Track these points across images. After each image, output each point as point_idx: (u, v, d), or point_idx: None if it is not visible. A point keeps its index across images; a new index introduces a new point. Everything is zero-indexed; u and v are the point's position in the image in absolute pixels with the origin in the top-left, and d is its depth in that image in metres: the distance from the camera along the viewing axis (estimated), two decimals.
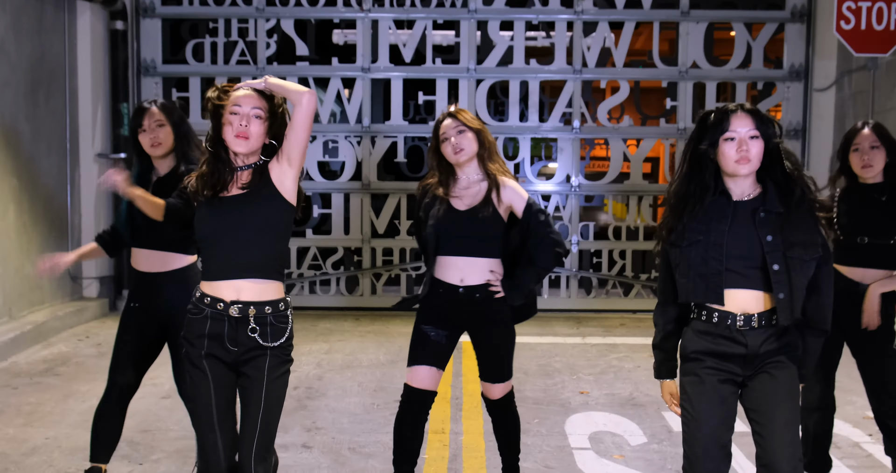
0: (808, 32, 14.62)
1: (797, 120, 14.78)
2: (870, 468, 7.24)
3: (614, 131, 15.19)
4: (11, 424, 8.13)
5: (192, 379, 4.87)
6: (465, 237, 5.77)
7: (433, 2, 14.78)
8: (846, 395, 9.31)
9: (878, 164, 5.87)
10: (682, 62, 14.77)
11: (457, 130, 5.78)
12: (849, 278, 5.93)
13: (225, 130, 4.68)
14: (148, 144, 5.86)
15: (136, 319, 6.12)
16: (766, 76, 15.04)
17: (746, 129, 4.57)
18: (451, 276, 5.81)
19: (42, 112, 12.63)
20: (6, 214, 11.53)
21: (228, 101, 4.70)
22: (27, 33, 12.18)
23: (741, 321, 4.58)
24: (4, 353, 10.58)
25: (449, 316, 5.88)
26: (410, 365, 5.93)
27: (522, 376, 9.75)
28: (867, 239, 5.91)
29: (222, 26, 14.84)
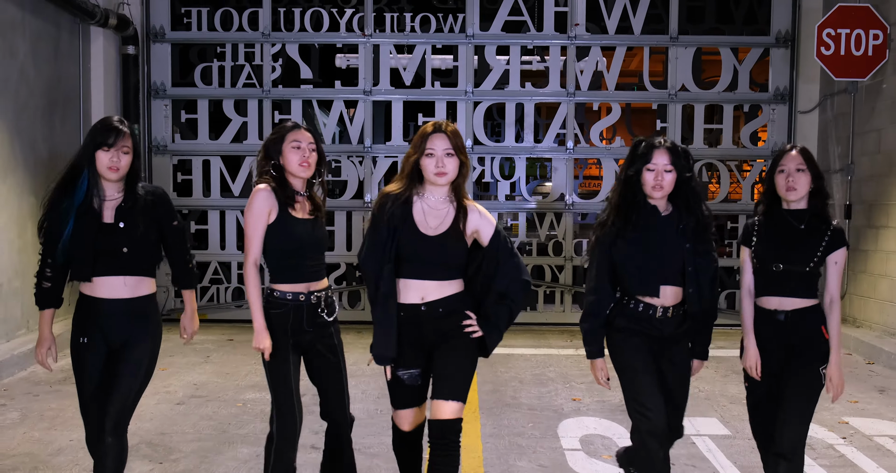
0: (792, 57, 14.99)
1: (782, 141, 15.10)
2: (842, 467, 7.59)
3: (606, 151, 15.51)
4: (36, 428, 8.50)
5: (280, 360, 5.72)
6: (432, 263, 5.53)
7: (432, 27, 15.19)
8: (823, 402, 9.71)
9: (803, 188, 5.69)
10: (671, 85, 15.16)
11: (446, 151, 5.49)
12: (766, 309, 5.76)
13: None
14: (106, 166, 5.50)
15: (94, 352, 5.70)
16: (752, 99, 15.42)
17: (664, 162, 5.61)
18: (410, 296, 5.55)
19: (58, 133, 13.02)
20: (24, 231, 11.92)
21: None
22: (45, 59, 12.59)
23: (661, 311, 5.68)
24: (24, 363, 10.94)
25: (416, 341, 5.58)
26: (395, 408, 5.80)
27: (518, 384, 10.14)
28: (782, 266, 5.68)
29: (229, 51, 15.24)
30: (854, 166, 13.72)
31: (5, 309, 11.37)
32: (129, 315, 5.64)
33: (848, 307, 13.92)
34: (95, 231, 5.49)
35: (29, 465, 7.38)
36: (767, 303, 5.76)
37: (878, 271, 13.02)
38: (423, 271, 5.52)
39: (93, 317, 5.64)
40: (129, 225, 5.55)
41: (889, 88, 12.96)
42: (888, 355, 11.68)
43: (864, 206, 13.51)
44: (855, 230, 13.73)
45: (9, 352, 10.81)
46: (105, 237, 5.51)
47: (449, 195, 5.62)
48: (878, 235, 13.06)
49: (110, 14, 13.84)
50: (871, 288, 13.24)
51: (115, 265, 5.54)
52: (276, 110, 15.22)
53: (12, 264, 11.61)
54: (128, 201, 5.57)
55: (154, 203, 5.65)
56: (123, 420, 5.60)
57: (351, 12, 15.19)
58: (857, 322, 13.59)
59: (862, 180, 13.61)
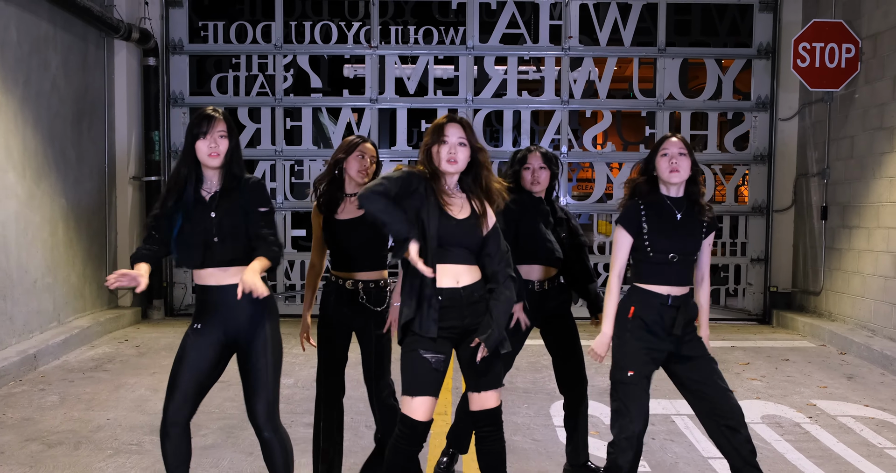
0: (772, 68, 15.50)
1: (764, 146, 15.66)
2: (805, 442, 8.17)
3: (599, 156, 16.00)
4: (75, 409, 9.08)
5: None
6: (461, 247, 5.40)
7: (434, 39, 15.72)
8: (796, 387, 10.34)
9: (685, 171, 5.75)
10: (659, 94, 15.68)
11: (459, 140, 5.42)
12: (657, 294, 5.79)
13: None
14: (206, 153, 5.40)
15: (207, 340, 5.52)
16: (736, 107, 15.90)
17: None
18: (446, 281, 5.36)
19: (85, 140, 13.56)
20: (56, 230, 12.47)
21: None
22: (74, 70, 13.14)
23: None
24: (57, 353, 11.51)
25: (452, 326, 5.38)
26: (412, 395, 5.34)
27: (514, 371, 10.56)
28: (677, 257, 5.77)
29: (244, 62, 15.74)
30: (830, 170, 14.21)
31: (38, 303, 11.88)
32: (237, 305, 5.39)
33: (823, 302, 14.47)
34: (201, 221, 5.38)
35: (73, 440, 7.95)
36: (658, 290, 5.79)
37: (851, 269, 13.54)
38: (455, 256, 5.37)
39: (201, 304, 5.53)
40: (220, 215, 5.39)
41: (861, 97, 13.44)
42: (858, 346, 12.21)
43: (838, 207, 14.00)
44: (830, 230, 14.25)
45: (43, 343, 11.33)
46: (202, 226, 5.38)
47: (458, 186, 5.52)
48: (851, 234, 13.56)
49: (133, 28, 14.36)
50: (844, 284, 13.76)
51: (210, 255, 5.39)
52: (287, 118, 15.72)
53: (45, 262, 12.11)
54: (223, 191, 5.44)
55: (242, 191, 5.44)
56: (272, 412, 5.49)
57: (358, 25, 15.69)
58: (832, 316, 14.12)
59: (837, 184, 14.09)
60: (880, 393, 10.17)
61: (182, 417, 5.47)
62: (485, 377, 5.47)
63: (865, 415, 9.17)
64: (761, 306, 15.82)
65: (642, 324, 5.79)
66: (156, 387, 10.02)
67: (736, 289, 16.27)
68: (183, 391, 5.44)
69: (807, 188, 15.14)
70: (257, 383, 5.46)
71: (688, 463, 7.52)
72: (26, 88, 11.63)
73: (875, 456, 7.78)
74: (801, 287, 15.36)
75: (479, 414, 5.52)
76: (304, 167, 15.78)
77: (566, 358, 6.93)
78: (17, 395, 9.62)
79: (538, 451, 7.81)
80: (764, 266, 15.79)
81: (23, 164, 11.51)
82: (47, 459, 7.42)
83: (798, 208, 15.53)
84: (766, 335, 14.19)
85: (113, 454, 7.60)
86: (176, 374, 5.47)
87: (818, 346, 13.13)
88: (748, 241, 15.99)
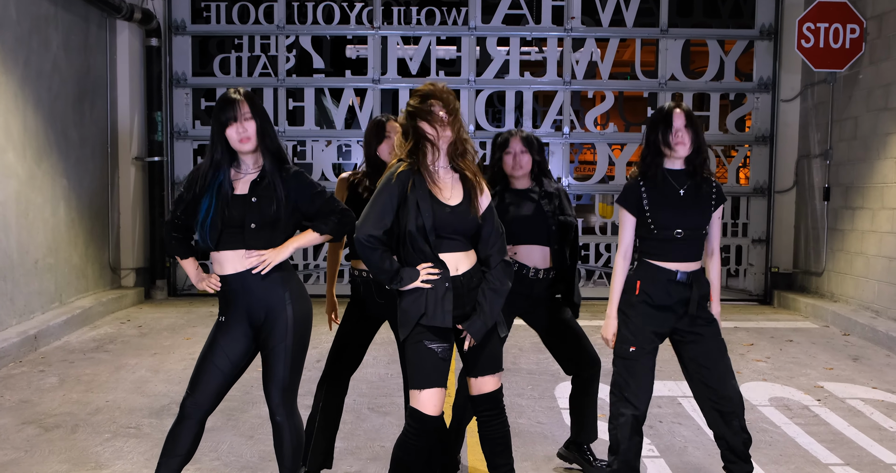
0: (775, 49, 15.18)
1: (766, 127, 15.35)
2: (815, 425, 7.87)
3: (600, 137, 15.72)
4: (74, 390, 8.79)
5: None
6: (457, 233, 5.12)
7: (437, 20, 15.43)
8: (802, 368, 10.06)
9: (688, 144, 5.53)
10: (661, 75, 15.36)
11: (439, 111, 5.10)
12: (667, 269, 5.58)
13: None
14: (237, 140, 5.15)
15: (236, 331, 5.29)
16: (738, 88, 15.64)
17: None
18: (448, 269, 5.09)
19: (87, 120, 13.28)
20: (57, 210, 12.18)
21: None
22: (75, 50, 12.83)
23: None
24: (58, 333, 11.22)
25: (454, 313, 5.06)
26: (421, 388, 5.05)
27: (518, 351, 10.40)
28: (682, 232, 5.56)
29: (246, 42, 15.46)
30: (832, 151, 13.92)
31: (40, 283, 11.61)
32: (259, 287, 5.17)
33: (825, 283, 14.18)
34: (226, 204, 5.13)
35: (70, 423, 7.66)
36: (666, 265, 5.57)
37: (854, 250, 13.26)
38: (452, 244, 5.10)
39: (226, 295, 5.25)
40: (261, 200, 5.14)
41: (865, 78, 13.16)
42: (862, 327, 11.93)
43: (841, 188, 13.72)
44: (833, 211, 13.96)
45: (45, 323, 11.06)
46: (234, 209, 5.14)
47: (449, 163, 5.21)
48: (854, 215, 13.28)
49: (135, 9, 14.08)
50: (847, 265, 13.48)
51: (239, 240, 5.13)
52: (290, 98, 15.43)
53: (46, 242, 11.84)
54: (264, 175, 5.18)
55: (286, 180, 5.19)
56: (288, 398, 5.28)
57: (360, 6, 15.42)
58: (835, 297, 13.83)
59: (840, 164, 13.80)
60: (887, 375, 9.87)
61: (200, 414, 5.25)
62: (482, 362, 5.23)
63: (874, 398, 8.87)
64: (762, 286, 15.53)
65: (648, 299, 5.57)
66: (156, 368, 9.75)
67: (737, 270, 16.04)
68: (204, 389, 5.22)
69: (808, 169, 14.83)
70: (276, 367, 5.22)
71: (697, 447, 7.22)
72: (26, 67, 11.34)
73: (888, 441, 7.47)
74: (803, 268, 15.06)
75: (478, 399, 5.29)
76: (307, 148, 15.50)
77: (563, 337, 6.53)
78: (16, 377, 9.33)
79: (543, 435, 7.51)
80: (765, 247, 15.50)
81: (23, 144, 11.22)
82: (43, 443, 7.13)
83: (800, 189, 15.22)
84: (768, 316, 13.89)
85: (110, 437, 7.31)
86: (200, 370, 5.25)
87: (821, 327, 12.85)
88: (749, 222, 15.71)
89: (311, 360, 9.65)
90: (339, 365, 6.23)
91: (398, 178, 5.04)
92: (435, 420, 5.09)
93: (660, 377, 7.64)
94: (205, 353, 5.27)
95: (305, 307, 5.32)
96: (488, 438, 5.31)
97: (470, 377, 5.27)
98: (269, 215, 5.15)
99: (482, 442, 5.35)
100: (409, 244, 5.07)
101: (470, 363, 5.24)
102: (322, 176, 15.37)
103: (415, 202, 5.04)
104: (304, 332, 5.30)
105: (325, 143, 15.54)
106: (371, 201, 5.07)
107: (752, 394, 8.88)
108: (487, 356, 5.22)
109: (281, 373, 5.23)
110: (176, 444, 5.27)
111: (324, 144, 15.52)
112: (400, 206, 5.05)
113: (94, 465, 6.63)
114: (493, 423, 5.29)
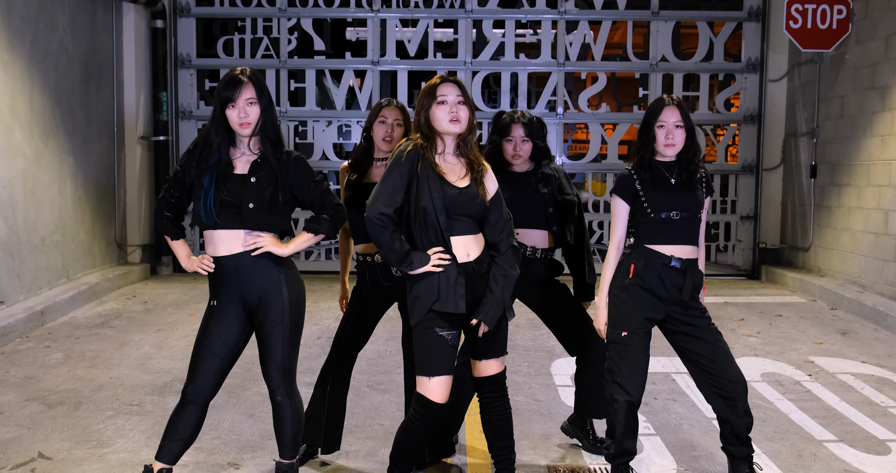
0: (762, 30, 14.94)
1: (754, 107, 15.10)
2: (808, 401, 7.63)
3: (593, 117, 15.49)
4: (79, 367, 8.53)
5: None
6: (467, 216, 4.92)
7: (434, 3, 15.15)
8: (792, 343, 9.83)
9: (680, 144, 5.37)
10: (652, 56, 15.12)
11: (458, 99, 4.92)
12: (664, 254, 5.37)
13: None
14: (237, 123, 4.96)
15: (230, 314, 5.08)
16: (727, 68, 15.38)
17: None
18: (459, 256, 4.88)
19: (94, 100, 12.99)
20: (64, 188, 11.90)
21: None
22: (82, 31, 12.53)
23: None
24: (65, 309, 10.97)
25: (466, 299, 4.86)
26: (430, 376, 4.86)
27: (514, 328, 10.10)
28: (679, 214, 5.34)
29: (249, 25, 15.16)
30: (819, 130, 13.68)
31: (47, 260, 11.36)
32: (252, 270, 4.98)
33: (812, 258, 13.95)
34: (224, 182, 4.92)
35: (73, 400, 7.41)
36: (661, 249, 5.37)
37: (841, 226, 13.01)
38: (462, 227, 4.90)
39: (217, 277, 5.04)
40: (260, 180, 4.93)
41: (851, 58, 12.91)
42: (849, 301, 11.69)
43: (828, 166, 13.48)
44: (820, 188, 13.71)
45: (51, 299, 10.80)
46: (233, 189, 4.93)
47: (457, 150, 5.00)
48: (841, 192, 13.04)
49: None
50: (834, 241, 13.24)
51: (237, 219, 4.92)
52: (291, 79, 15.17)
53: (53, 219, 11.59)
54: (264, 157, 4.99)
55: (286, 164, 5.01)
56: (288, 377, 5.11)
57: None
58: (822, 272, 13.60)
59: (826, 143, 13.57)
60: (876, 349, 9.63)
61: (202, 400, 5.06)
62: (489, 346, 5.06)
63: (864, 372, 8.62)
64: (750, 261, 15.31)
65: (641, 282, 5.35)
66: (160, 345, 9.51)
67: (726, 245, 15.85)
68: (204, 376, 5.02)
69: (795, 148, 14.60)
70: (274, 349, 5.05)
71: (692, 424, 6.96)
72: (33, 48, 11.04)
73: (880, 416, 7.23)
74: (790, 244, 14.84)
75: (482, 381, 5.13)
76: (308, 128, 15.23)
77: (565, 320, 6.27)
78: (22, 352, 9.06)
79: (540, 413, 7.26)
80: (753, 223, 15.27)
81: (30, 123, 10.94)
82: (46, 420, 6.86)
83: (787, 167, 14.99)
84: (756, 291, 13.65)
85: (113, 415, 7.04)
86: (197, 358, 5.04)
87: (809, 301, 12.61)
88: (738, 199, 15.47)
89: (312, 336, 9.49)
90: (345, 349, 5.97)
91: (408, 156, 4.85)
92: (442, 408, 4.92)
93: (653, 354, 7.30)
94: (200, 340, 5.05)
95: (300, 289, 5.15)
96: (490, 420, 5.16)
97: (475, 360, 5.12)
98: (267, 195, 4.94)
99: (483, 424, 5.18)
100: (423, 221, 4.86)
101: (477, 347, 5.07)
102: (323, 155, 15.14)
103: (426, 181, 4.84)
104: (299, 313, 5.13)
105: (326, 123, 15.28)
106: (381, 179, 4.87)
107: (745, 370, 8.46)
108: (495, 341, 5.07)
109: (279, 355, 5.06)
110: (178, 428, 5.08)
111: (324, 125, 15.29)
112: (410, 183, 4.84)
113: (96, 443, 6.38)
114: (496, 404, 5.14)
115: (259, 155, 5.02)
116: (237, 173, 4.97)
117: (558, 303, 6.19)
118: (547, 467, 6.05)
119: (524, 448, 6.38)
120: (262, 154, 5.01)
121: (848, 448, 6.48)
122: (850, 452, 6.41)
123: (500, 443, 5.15)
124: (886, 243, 11.69)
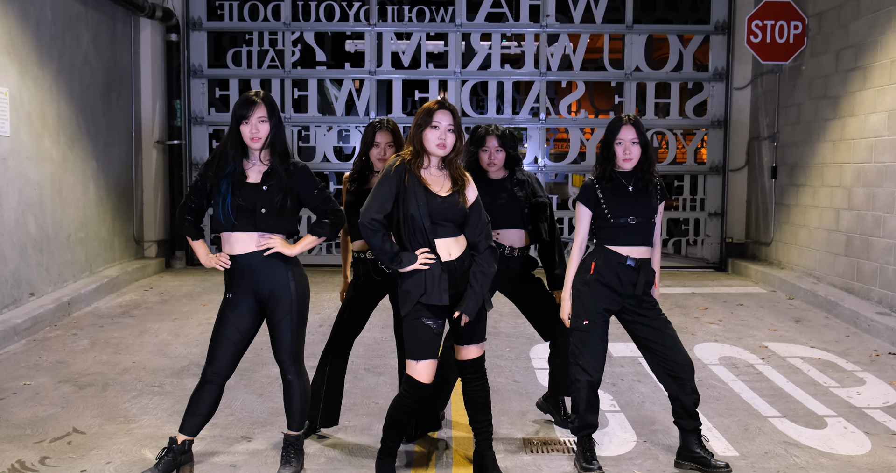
0: (728, 42, 15.22)
1: (720, 113, 15.43)
2: (758, 381, 8.02)
3: (573, 122, 15.81)
4: (104, 352, 8.90)
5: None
6: (448, 221, 5.27)
7: (427, 17, 15.44)
8: (749, 330, 10.20)
9: (636, 159, 5.73)
10: (627, 66, 15.41)
11: (448, 127, 5.24)
12: (620, 254, 5.74)
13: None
14: (248, 137, 5.38)
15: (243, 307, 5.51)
16: (695, 78, 15.70)
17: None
18: (442, 255, 5.24)
19: (114, 108, 13.32)
20: (87, 189, 12.25)
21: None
22: (103, 46, 12.86)
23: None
24: (89, 300, 11.32)
25: (450, 293, 5.25)
26: (417, 360, 5.26)
27: (497, 316, 10.45)
28: (634, 220, 5.71)
29: (256, 38, 15.46)
30: (779, 134, 14.01)
31: (72, 255, 11.69)
32: (263, 267, 5.41)
33: (773, 252, 14.31)
34: (239, 189, 5.34)
35: (101, 382, 7.79)
36: (619, 250, 5.73)
37: (798, 222, 13.36)
38: (444, 230, 5.26)
39: (233, 272, 5.45)
40: (271, 188, 5.36)
41: (807, 69, 13.21)
42: (805, 291, 12.05)
43: (787, 167, 13.80)
44: (780, 188, 14.04)
45: (77, 291, 11.14)
46: (247, 196, 5.34)
47: (441, 164, 5.35)
48: (798, 192, 13.37)
49: (157, 7, 14.10)
50: (792, 236, 13.58)
51: (251, 222, 5.34)
52: (295, 88, 15.47)
53: (78, 218, 11.92)
54: (273, 168, 5.39)
55: (292, 173, 5.42)
56: (297, 359, 5.54)
57: (358, 5, 15.40)
58: (781, 265, 13.95)
59: (786, 146, 13.88)
60: (825, 335, 10.01)
61: (220, 380, 5.53)
62: (470, 333, 5.45)
63: (812, 356, 9.01)
64: (718, 255, 15.65)
65: (600, 278, 5.75)
66: (177, 332, 9.87)
67: (695, 240, 16.15)
68: (221, 359, 5.47)
69: (758, 150, 14.93)
70: (284, 336, 5.50)
71: (653, 403, 7.35)
72: (60, 61, 11.39)
73: (821, 395, 7.62)
74: (754, 238, 15.19)
75: (464, 363, 5.53)
76: (311, 132, 15.54)
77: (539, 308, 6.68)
78: (52, 339, 9.44)
79: (518, 392, 7.64)
80: (720, 220, 15.62)
81: (57, 130, 11.29)
82: (77, 400, 7.24)
83: (751, 168, 15.32)
84: (722, 282, 14.02)
85: (137, 395, 7.43)
86: (215, 343, 5.49)
87: (769, 292, 12.98)
88: (706, 197, 15.78)
89: (314, 324, 9.84)
90: (342, 335, 6.38)
91: (396, 170, 5.23)
92: (428, 387, 5.33)
93: (623, 340, 7.79)
94: (217, 328, 5.50)
95: (305, 283, 5.62)
96: (470, 397, 5.55)
97: (457, 345, 5.49)
98: (278, 202, 5.37)
99: (465, 401, 5.58)
100: (411, 226, 5.23)
101: (459, 334, 5.44)
102: (324, 157, 15.46)
103: (413, 191, 5.21)
104: (304, 304, 5.59)
105: (327, 128, 15.55)
106: (373, 190, 5.26)
107: (704, 354, 9.03)
108: (475, 329, 5.43)
109: (289, 340, 5.50)
110: (199, 405, 5.56)
111: (325, 130, 15.54)
112: (398, 194, 5.23)
113: (124, 420, 6.75)
114: (475, 384, 5.53)
115: (269, 166, 5.42)
116: (250, 182, 5.39)
117: (532, 294, 6.63)
118: (522, 440, 6.43)
119: (503, 423, 6.74)
120: (271, 165, 5.42)
121: (790, 423, 6.85)
122: (790, 426, 6.78)
123: (478, 417, 5.54)
124: (837, 239, 12.04)
